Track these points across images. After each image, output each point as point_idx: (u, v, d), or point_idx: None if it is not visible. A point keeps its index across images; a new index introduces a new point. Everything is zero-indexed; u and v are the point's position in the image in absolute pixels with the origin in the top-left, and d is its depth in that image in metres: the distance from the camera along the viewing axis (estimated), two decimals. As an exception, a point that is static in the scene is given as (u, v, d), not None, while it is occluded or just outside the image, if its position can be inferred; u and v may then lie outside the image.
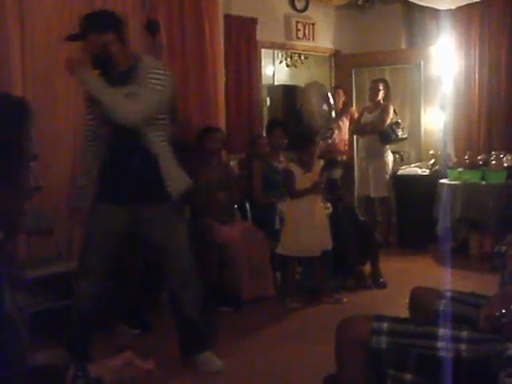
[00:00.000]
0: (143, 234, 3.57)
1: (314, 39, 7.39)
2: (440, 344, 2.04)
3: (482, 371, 2.01)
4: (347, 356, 2.22)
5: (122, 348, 3.37)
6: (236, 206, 5.51)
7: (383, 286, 5.34)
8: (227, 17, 6.13)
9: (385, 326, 2.13)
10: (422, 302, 2.50)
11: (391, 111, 6.87)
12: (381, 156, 6.87)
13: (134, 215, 3.43)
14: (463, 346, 2.02)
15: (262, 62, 7.14)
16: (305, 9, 7.27)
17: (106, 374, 1.41)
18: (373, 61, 7.69)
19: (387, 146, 6.90)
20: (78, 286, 3.55)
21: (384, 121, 6.77)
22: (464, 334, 2.05)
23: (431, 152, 7.18)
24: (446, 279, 4.59)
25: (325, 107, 6.59)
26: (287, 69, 8.99)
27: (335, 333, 2.26)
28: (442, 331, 2.08)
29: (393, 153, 7.08)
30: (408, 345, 2.09)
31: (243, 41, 6.48)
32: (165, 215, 3.45)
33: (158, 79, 3.29)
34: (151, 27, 5.16)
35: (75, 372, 1.38)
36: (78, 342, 3.50)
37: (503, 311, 2.03)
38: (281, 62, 8.79)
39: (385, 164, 6.88)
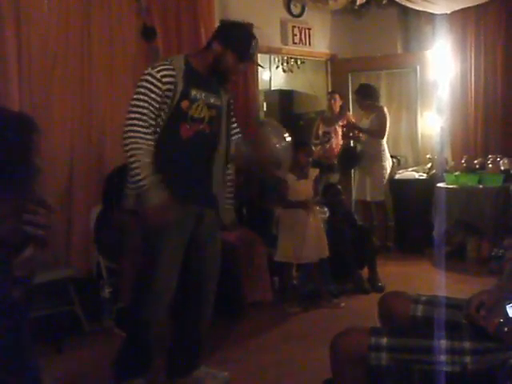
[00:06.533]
0: (196, 237, 3.25)
1: (310, 44, 7.41)
2: (444, 358, 1.95)
3: (488, 382, 1.95)
4: (345, 373, 2.10)
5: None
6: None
7: (381, 290, 5.32)
8: (223, 22, 6.13)
9: (384, 341, 2.03)
10: (392, 308, 2.38)
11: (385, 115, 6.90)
12: (377, 160, 6.88)
13: (199, 216, 3.21)
14: (468, 358, 1.95)
15: (259, 67, 7.14)
16: (301, 14, 7.29)
17: None
18: (369, 65, 7.71)
19: (385, 151, 6.91)
20: (158, 305, 3.12)
21: (383, 126, 6.82)
22: (466, 344, 1.98)
23: (428, 156, 7.20)
24: (443, 283, 4.59)
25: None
26: (284, 74, 9.01)
27: (330, 348, 2.14)
28: (444, 343, 1.98)
29: (390, 157, 7.09)
30: (410, 360, 1.99)
31: (240, 46, 6.48)
32: (215, 219, 3.38)
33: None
34: (147, 34, 5.17)
35: None
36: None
37: (501, 320, 1.98)
38: (277, 67, 8.83)
39: (381, 168, 6.89)
